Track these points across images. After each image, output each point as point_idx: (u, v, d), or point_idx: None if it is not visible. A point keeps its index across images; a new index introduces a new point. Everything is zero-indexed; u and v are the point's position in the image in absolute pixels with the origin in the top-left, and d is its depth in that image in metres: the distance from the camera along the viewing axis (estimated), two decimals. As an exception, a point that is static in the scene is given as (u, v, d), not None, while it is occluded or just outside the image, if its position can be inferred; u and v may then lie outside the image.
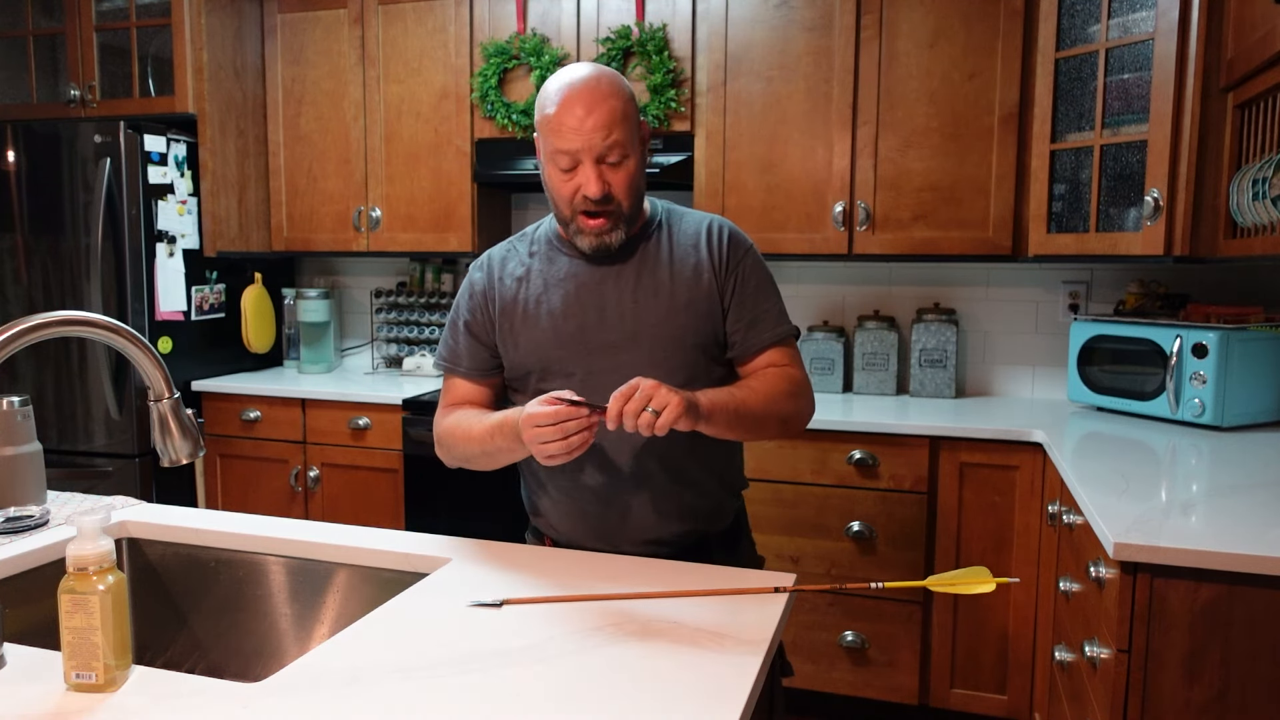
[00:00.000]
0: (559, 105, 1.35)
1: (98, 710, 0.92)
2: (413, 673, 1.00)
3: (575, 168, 1.37)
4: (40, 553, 1.40)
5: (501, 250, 1.56)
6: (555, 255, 1.50)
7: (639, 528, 1.45)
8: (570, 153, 1.35)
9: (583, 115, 1.34)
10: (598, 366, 1.43)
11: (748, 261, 1.49)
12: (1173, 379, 2.37)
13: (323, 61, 3.24)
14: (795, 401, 1.46)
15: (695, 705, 0.93)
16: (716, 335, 1.47)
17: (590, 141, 1.34)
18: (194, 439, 1.19)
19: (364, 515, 2.98)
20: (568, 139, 1.34)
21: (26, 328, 1.01)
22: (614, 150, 1.36)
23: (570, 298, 1.46)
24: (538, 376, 1.47)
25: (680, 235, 1.49)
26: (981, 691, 2.49)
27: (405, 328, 3.51)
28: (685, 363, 1.44)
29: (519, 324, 1.48)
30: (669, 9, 2.84)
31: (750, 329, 1.47)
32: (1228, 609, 1.39)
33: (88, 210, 2.98)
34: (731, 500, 1.57)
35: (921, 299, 3.02)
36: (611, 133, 1.34)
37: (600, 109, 1.34)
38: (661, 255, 1.47)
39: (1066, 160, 2.52)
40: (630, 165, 1.39)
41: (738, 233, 1.52)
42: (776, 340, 1.49)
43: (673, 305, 1.44)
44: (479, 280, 1.54)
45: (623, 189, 1.38)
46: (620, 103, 1.36)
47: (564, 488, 1.49)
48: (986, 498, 2.45)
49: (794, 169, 2.77)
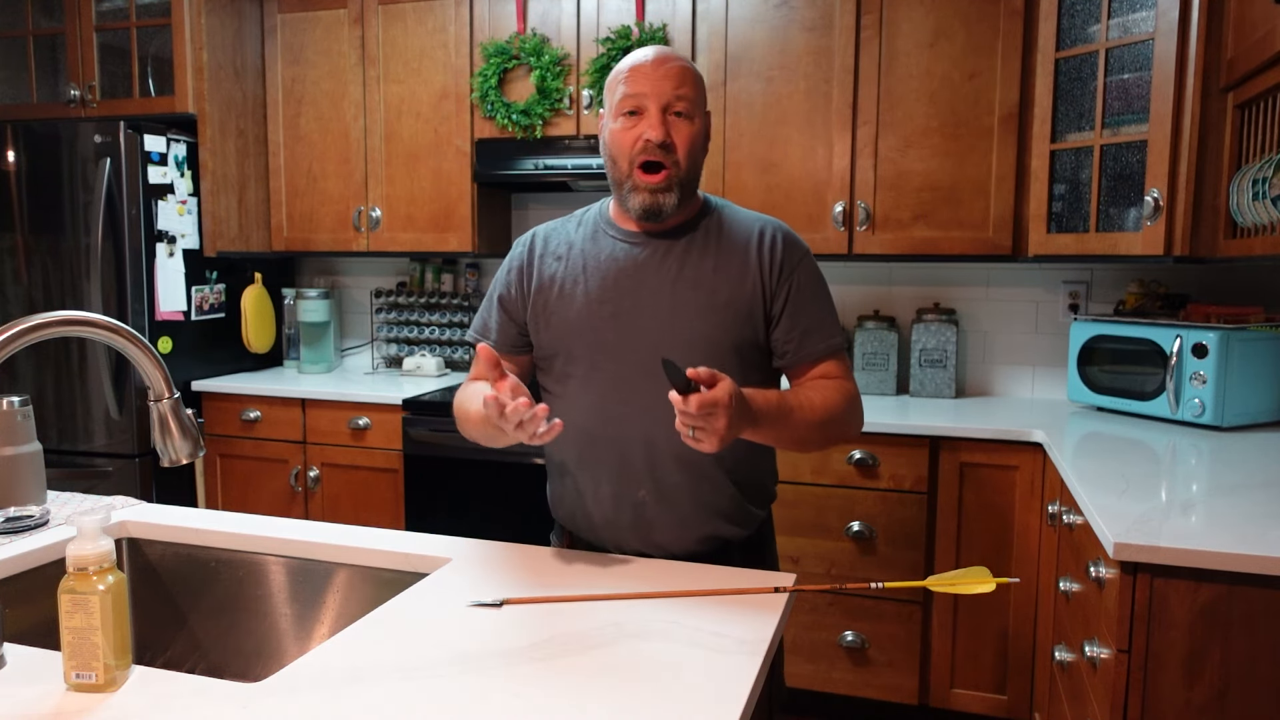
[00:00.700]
0: (636, 60, 1.39)
1: (98, 710, 0.92)
2: (413, 673, 1.00)
3: (640, 115, 1.37)
4: (40, 553, 1.40)
5: (548, 227, 1.54)
6: (601, 236, 1.47)
7: (653, 528, 1.42)
8: (637, 95, 1.36)
9: (656, 64, 1.37)
10: (627, 357, 1.40)
11: (803, 269, 1.44)
12: (1173, 379, 2.37)
13: (323, 61, 3.24)
14: (848, 418, 1.42)
15: (695, 705, 0.93)
16: (755, 340, 1.43)
17: (660, 88, 1.35)
18: (194, 439, 1.19)
19: (364, 515, 2.98)
20: (637, 83, 1.36)
21: (26, 328, 1.01)
22: (681, 102, 1.36)
23: (609, 282, 1.42)
24: (564, 359, 1.44)
25: (731, 232, 1.45)
26: (981, 691, 2.49)
27: (405, 328, 3.51)
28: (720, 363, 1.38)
29: (553, 303, 1.45)
30: (669, 9, 2.84)
31: (804, 339, 1.43)
32: (1228, 609, 1.39)
33: (88, 210, 2.98)
34: (756, 509, 1.50)
35: (921, 299, 3.02)
36: (682, 85, 1.36)
37: (673, 64, 1.37)
38: (708, 248, 1.43)
39: (1066, 160, 2.52)
40: (695, 126, 1.39)
41: (793, 237, 1.47)
42: (830, 352, 1.44)
43: (712, 302, 1.40)
44: (519, 256, 1.51)
45: (684, 145, 1.38)
46: (693, 70, 1.40)
47: (581, 482, 1.46)
48: (986, 498, 2.45)
49: (794, 169, 2.77)
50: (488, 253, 3.22)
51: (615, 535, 1.45)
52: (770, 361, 1.47)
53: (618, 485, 1.43)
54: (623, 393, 1.40)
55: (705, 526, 1.43)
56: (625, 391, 1.39)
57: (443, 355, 3.46)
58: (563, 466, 1.50)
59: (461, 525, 2.77)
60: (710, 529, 1.44)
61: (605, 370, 1.41)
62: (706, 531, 1.44)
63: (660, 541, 1.43)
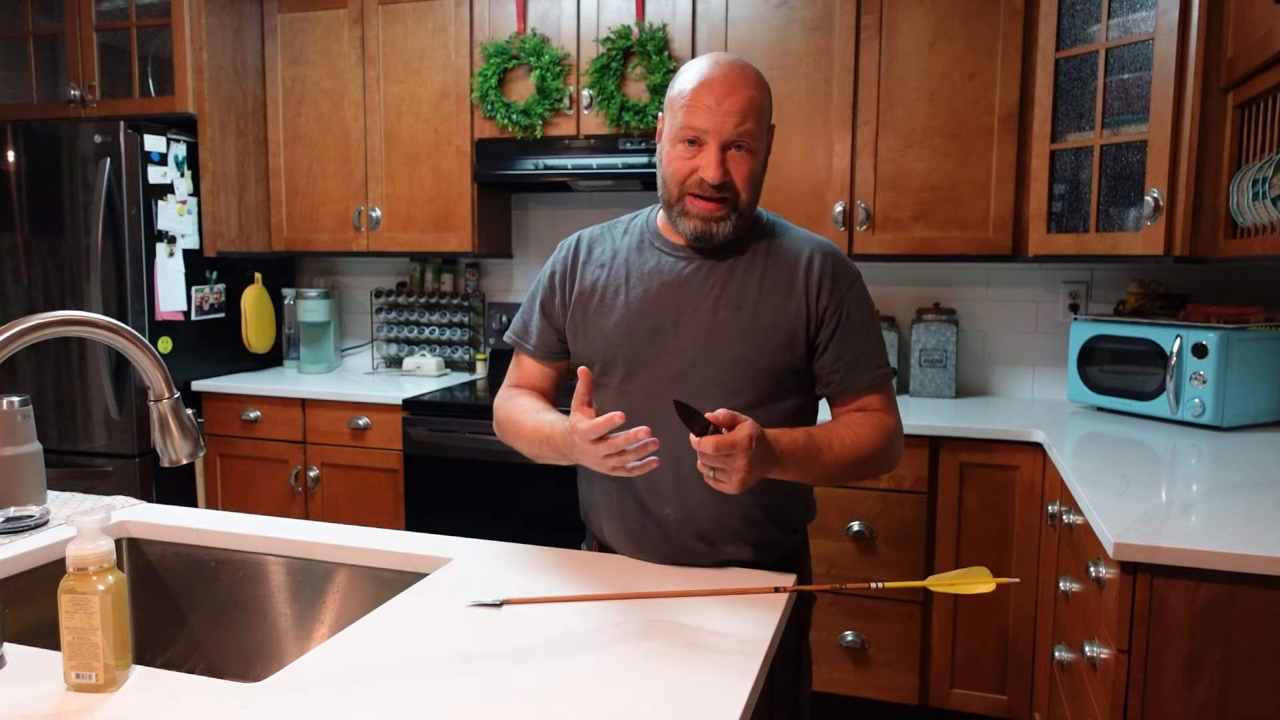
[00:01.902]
0: (698, 82, 1.31)
1: (98, 710, 0.92)
2: (413, 673, 1.00)
3: (700, 147, 1.31)
4: (40, 553, 1.40)
5: (594, 232, 1.50)
6: (647, 248, 1.43)
7: (677, 547, 1.38)
8: (698, 130, 1.30)
9: (720, 96, 1.29)
10: (663, 373, 1.37)
11: (853, 295, 1.39)
12: (1173, 379, 2.37)
13: (323, 61, 3.24)
14: (881, 455, 1.37)
15: (695, 705, 0.93)
16: (794, 365, 1.38)
17: (722, 124, 1.29)
18: (194, 439, 1.18)
19: (364, 515, 2.98)
20: (700, 116, 1.30)
21: (26, 328, 1.01)
22: (744, 138, 1.31)
23: (650, 295, 1.38)
24: (600, 369, 1.40)
25: (781, 251, 1.40)
26: (981, 691, 2.49)
27: (405, 328, 3.51)
28: (754, 386, 1.36)
29: (592, 312, 1.42)
30: (669, 9, 2.84)
31: (850, 369, 1.38)
32: (1228, 609, 1.39)
33: (88, 210, 2.98)
34: (787, 534, 1.45)
35: (921, 299, 3.02)
36: (746, 120, 1.30)
37: (739, 94, 1.30)
38: (755, 268, 1.38)
39: (1066, 160, 2.52)
40: (754, 161, 1.33)
41: (843, 263, 1.41)
42: (875, 383, 1.40)
43: (755, 324, 1.35)
44: (562, 260, 1.48)
45: (742, 181, 1.32)
46: (760, 95, 1.33)
47: (610, 491, 1.43)
48: (986, 498, 2.45)
49: (794, 169, 2.77)
50: (488, 253, 3.23)
51: (641, 551, 1.41)
52: (806, 385, 1.42)
53: (644, 502, 1.40)
54: (654, 409, 1.35)
55: (729, 549, 1.39)
56: (657, 408, 1.34)
57: (443, 355, 3.46)
58: (593, 478, 1.47)
59: (461, 525, 2.76)
60: (733, 552, 1.39)
61: (639, 384, 1.38)
62: (729, 555, 1.39)
63: (684, 561, 1.38)
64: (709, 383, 1.35)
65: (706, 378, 1.36)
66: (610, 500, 1.44)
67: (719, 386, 1.35)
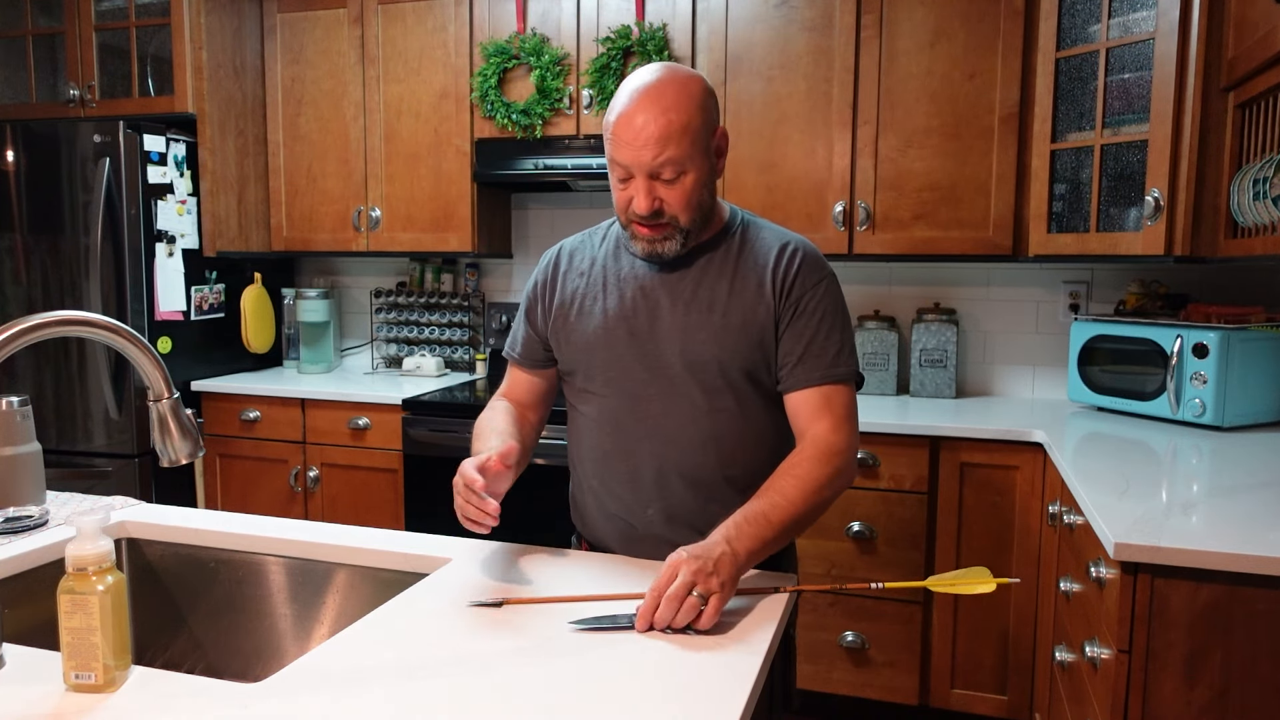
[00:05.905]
0: (617, 116, 1.30)
1: (97, 710, 0.92)
2: (413, 673, 1.00)
3: (629, 179, 1.32)
4: (40, 553, 1.40)
5: (575, 241, 1.52)
6: (623, 254, 1.45)
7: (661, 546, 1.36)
8: (623, 165, 1.31)
9: (638, 129, 1.27)
10: (643, 376, 1.39)
11: (816, 291, 1.37)
12: (1173, 379, 2.36)
13: (322, 61, 3.24)
14: (833, 484, 1.30)
15: (695, 705, 0.93)
16: (769, 365, 1.37)
17: (640, 158, 1.28)
18: (193, 439, 1.18)
19: (364, 515, 2.98)
20: (621, 151, 1.30)
21: (26, 328, 1.01)
22: (666, 168, 1.29)
23: (627, 300, 1.40)
24: (583, 376, 1.44)
25: (753, 251, 1.40)
26: (982, 692, 2.49)
27: (405, 328, 3.51)
28: (730, 387, 1.37)
29: (574, 319, 1.44)
30: (669, 9, 2.84)
31: (799, 364, 1.35)
32: (1228, 609, 1.39)
33: (87, 210, 2.98)
34: None
35: (921, 299, 3.02)
36: (664, 150, 1.27)
37: (654, 124, 1.27)
38: (726, 269, 1.38)
39: (1067, 160, 2.52)
40: (687, 181, 1.31)
41: (813, 258, 1.39)
42: (826, 380, 1.34)
43: (725, 325, 1.36)
44: (542, 271, 1.51)
45: (678, 205, 1.31)
46: (680, 115, 1.28)
47: (597, 495, 1.46)
48: (987, 498, 2.44)
49: (794, 168, 2.77)
50: (487, 253, 3.22)
51: (627, 550, 1.44)
52: None
53: (629, 501, 1.43)
54: (636, 411, 1.40)
55: None
56: (639, 410, 1.39)
57: (442, 355, 3.46)
58: (580, 478, 1.51)
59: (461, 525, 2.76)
60: None
61: (619, 388, 1.40)
62: None
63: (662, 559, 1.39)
64: (687, 385, 1.37)
65: (684, 380, 1.37)
66: (598, 503, 1.47)
67: (696, 389, 1.37)
